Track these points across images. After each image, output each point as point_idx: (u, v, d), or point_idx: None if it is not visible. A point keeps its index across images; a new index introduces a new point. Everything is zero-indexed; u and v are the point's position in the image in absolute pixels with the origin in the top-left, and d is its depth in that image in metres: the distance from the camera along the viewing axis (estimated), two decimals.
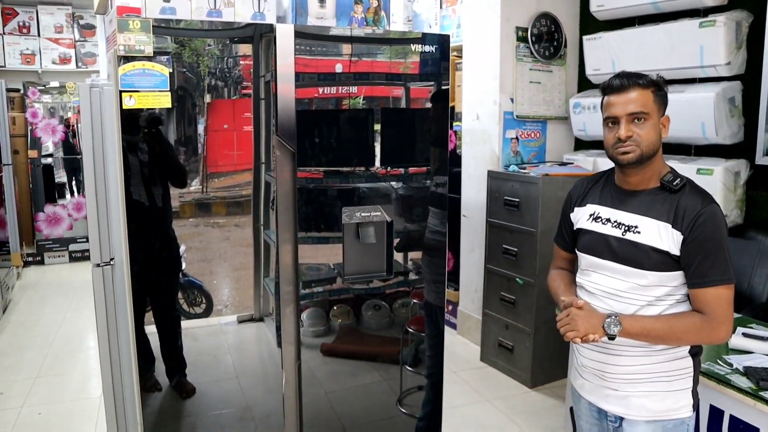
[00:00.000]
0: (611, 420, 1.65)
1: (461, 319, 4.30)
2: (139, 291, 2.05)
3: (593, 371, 1.66)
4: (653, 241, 1.51)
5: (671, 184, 1.53)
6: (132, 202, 1.92)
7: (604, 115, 1.58)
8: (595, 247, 1.62)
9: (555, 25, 3.80)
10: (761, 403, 1.68)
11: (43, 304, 5.04)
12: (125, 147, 1.87)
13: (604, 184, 1.69)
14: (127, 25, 1.59)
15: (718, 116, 2.91)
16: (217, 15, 1.91)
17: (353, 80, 2.02)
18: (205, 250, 2.19)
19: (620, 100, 1.52)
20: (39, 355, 3.95)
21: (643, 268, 1.53)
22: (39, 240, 6.18)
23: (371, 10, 2.05)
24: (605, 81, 1.59)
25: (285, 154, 2.01)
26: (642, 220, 1.54)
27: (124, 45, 1.60)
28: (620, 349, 1.58)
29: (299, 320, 2.21)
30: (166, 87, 1.72)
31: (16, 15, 6.49)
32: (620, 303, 1.57)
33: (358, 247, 2.09)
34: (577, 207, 1.73)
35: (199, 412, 2.29)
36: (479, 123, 3.91)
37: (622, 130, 1.52)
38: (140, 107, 1.71)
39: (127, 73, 1.62)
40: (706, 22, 2.92)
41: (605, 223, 1.61)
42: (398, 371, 2.55)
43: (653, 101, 1.52)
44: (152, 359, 2.15)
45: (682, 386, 1.58)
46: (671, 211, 1.51)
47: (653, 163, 1.55)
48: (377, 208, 2.07)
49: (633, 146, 1.51)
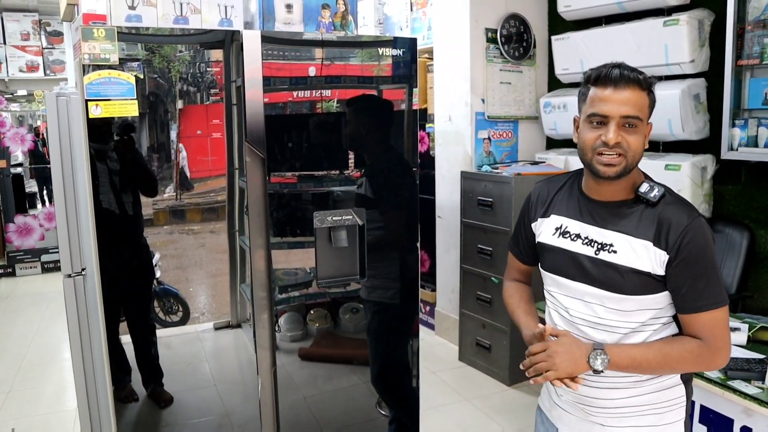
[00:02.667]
0: None
1: (438, 320, 4.33)
2: (112, 300, 2.03)
3: (574, 403, 1.46)
4: (632, 261, 1.31)
5: (648, 196, 1.33)
6: (101, 211, 1.89)
7: (590, 110, 1.31)
8: (564, 267, 1.41)
9: (524, 25, 3.85)
10: (729, 392, 1.72)
11: (16, 316, 4.95)
12: (93, 155, 1.84)
13: (570, 191, 1.46)
14: (91, 34, 1.58)
15: (684, 113, 2.97)
16: (183, 22, 1.90)
17: (324, 84, 2.02)
18: (181, 257, 2.17)
19: (615, 97, 1.28)
20: (12, 368, 3.88)
21: (623, 292, 1.32)
22: (10, 251, 6.07)
23: (339, 14, 2.05)
24: (595, 69, 1.33)
25: (255, 160, 2.01)
26: (617, 238, 1.34)
27: (89, 54, 1.58)
28: (605, 381, 1.38)
29: (273, 325, 2.20)
30: (133, 95, 1.70)
31: None
32: (599, 332, 1.37)
33: (331, 251, 2.09)
34: (541, 218, 1.50)
35: (176, 421, 2.27)
36: (451, 124, 3.94)
37: (611, 134, 1.28)
38: (107, 116, 1.69)
39: (92, 81, 1.61)
40: (670, 21, 2.99)
41: (575, 239, 1.40)
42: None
43: (647, 106, 1.31)
44: (128, 369, 2.12)
45: (675, 418, 1.41)
46: (651, 227, 1.31)
47: (631, 174, 1.34)
48: (348, 211, 2.07)
49: (620, 157, 1.29)
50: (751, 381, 1.75)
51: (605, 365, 1.29)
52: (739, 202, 3.01)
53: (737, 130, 2.88)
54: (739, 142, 2.89)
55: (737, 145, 2.89)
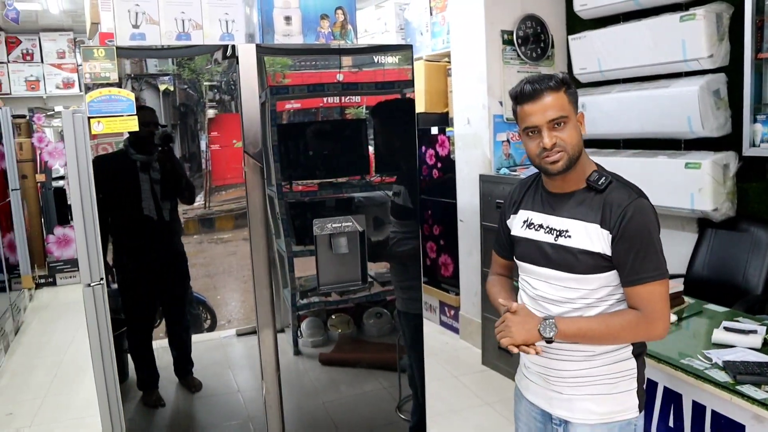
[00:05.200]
0: (556, 423, 1.62)
1: (463, 324, 4.31)
2: (149, 304, 2.15)
3: (538, 374, 1.64)
4: (584, 243, 1.48)
5: (596, 183, 1.49)
6: (142, 218, 2.04)
7: (522, 125, 1.51)
8: (530, 254, 1.59)
9: (541, 26, 3.81)
10: (737, 397, 1.67)
11: (55, 324, 5.13)
12: (138, 166, 1.98)
13: (535, 188, 1.64)
14: (91, 54, 1.64)
15: (703, 109, 2.90)
16: (186, 38, 1.96)
17: (323, 92, 2.06)
18: (209, 265, 2.23)
19: (536, 107, 1.46)
20: (48, 375, 4.02)
21: (577, 272, 1.49)
22: (50, 262, 6.29)
23: (338, 24, 2.08)
24: (514, 88, 1.53)
25: (254, 170, 2.05)
26: (571, 224, 1.51)
27: (90, 73, 1.65)
28: (562, 353, 1.55)
29: (276, 332, 2.23)
30: (133, 111, 1.77)
31: (20, 43, 6.66)
32: (559, 307, 1.54)
33: (332, 258, 2.12)
34: (513, 214, 1.68)
35: (198, 425, 2.33)
36: (470, 127, 3.93)
37: (546, 138, 1.46)
38: (108, 132, 1.76)
39: (93, 99, 1.67)
40: (686, 16, 2.92)
41: (538, 229, 1.58)
42: (397, 378, 2.55)
43: (568, 102, 1.47)
44: (157, 376, 2.21)
45: (627, 387, 1.55)
46: (598, 211, 1.47)
47: (579, 164, 1.50)
48: (348, 218, 2.10)
49: (561, 153, 1.46)
50: (761, 386, 1.69)
51: (554, 333, 1.45)
52: (764, 200, 2.92)
53: (759, 126, 2.80)
54: (761, 138, 2.81)
55: (760, 141, 2.81)
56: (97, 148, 1.89)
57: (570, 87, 1.50)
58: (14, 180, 5.52)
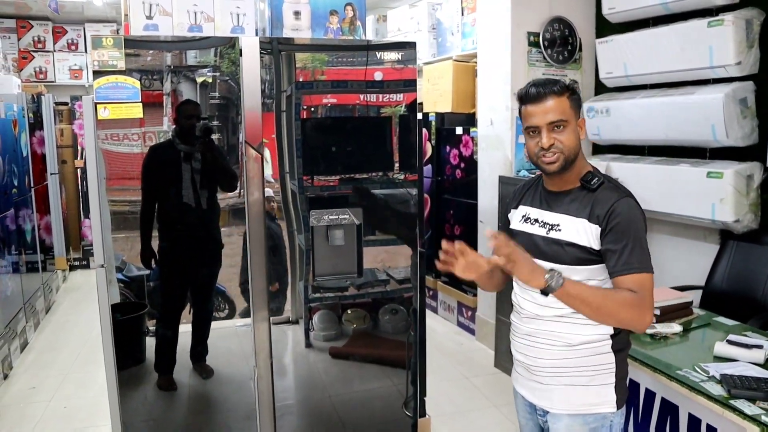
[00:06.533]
0: (540, 414, 1.71)
1: (479, 325, 4.29)
2: (181, 288, 2.25)
3: (522, 364, 1.72)
4: (572, 237, 1.58)
5: (589, 183, 1.59)
6: (181, 204, 2.14)
7: (525, 124, 1.62)
8: (525, 246, 1.65)
9: (569, 29, 3.77)
10: (729, 411, 1.63)
11: (84, 305, 5.29)
12: (182, 156, 2.08)
13: (535, 186, 1.75)
14: (100, 43, 1.71)
15: (728, 118, 2.83)
16: (197, 30, 2.01)
17: (330, 88, 2.09)
18: (235, 255, 2.29)
19: (538, 109, 1.56)
20: (72, 354, 4.17)
21: (565, 263, 1.58)
22: (85, 245, 6.49)
23: (347, 20, 2.10)
24: (521, 90, 1.63)
25: (254, 161, 2.10)
26: (563, 219, 1.61)
27: (98, 60, 1.71)
28: (543, 343, 1.63)
29: (270, 321, 2.26)
30: (138, 99, 1.83)
31: (66, 33, 6.89)
32: (546, 297, 1.58)
33: (329, 249, 2.15)
34: (513, 209, 1.79)
35: (205, 409, 2.38)
36: (493, 128, 3.91)
37: (544, 139, 1.56)
38: (114, 117, 1.82)
39: (101, 86, 1.74)
40: (714, 22, 2.85)
41: (533, 223, 1.68)
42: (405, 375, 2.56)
43: (570, 107, 1.57)
44: (174, 361, 2.29)
45: (604, 381, 1.60)
46: (588, 208, 1.57)
47: (575, 165, 1.61)
48: (345, 211, 2.13)
49: (557, 154, 1.57)
50: (756, 401, 1.65)
51: (559, 285, 1.50)
52: None
53: None
54: None
55: None
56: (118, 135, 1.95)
57: (574, 93, 1.60)
58: (53, 164, 5.73)
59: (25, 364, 4.02)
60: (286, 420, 2.37)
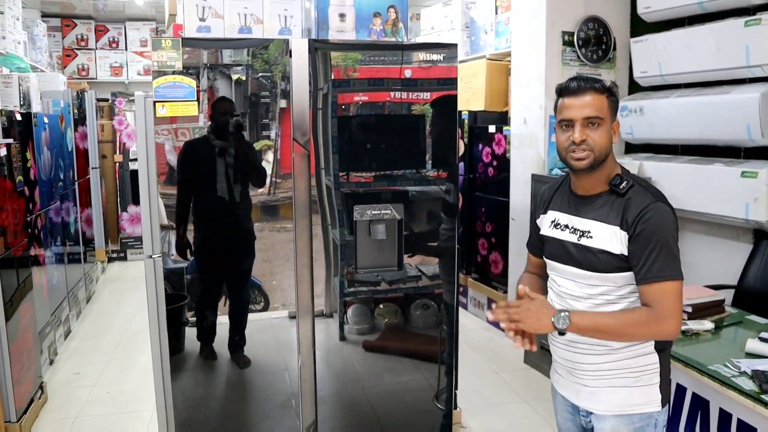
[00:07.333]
0: (583, 415, 1.70)
1: None
2: (218, 278, 2.34)
3: (565, 367, 1.70)
4: (604, 244, 1.54)
5: (618, 187, 1.55)
6: (216, 197, 2.23)
7: (559, 117, 1.59)
8: (557, 252, 1.66)
9: (603, 28, 3.78)
10: (760, 406, 1.66)
11: (123, 295, 5.48)
12: (217, 151, 2.17)
13: (563, 190, 1.71)
14: (159, 44, 1.81)
15: (764, 117, 2.83)
16: (247, 32, 2.10)
17: (367, 87, 2.16)
18: (269, 250, 2.38)
19: (576, 103, 1.54)
20: (114, 342, 4.33)
21: (598, 271, 1.55)
22: (123, 238, 6.69)
23: (389, 22, 2.17)
24: (561, 83, 1.60)
25: (302, 158, 2.18)
26: (594, 225, 1.57)
27: (158, 61, 1.81)
28: (585, 348, 1.61)
29: (314, 314, 2.32)
30: (194, 98, 1.93)
31: (107, 31, 7.10)
32: (581, 303, 1.60)
33: (371, 243, 2.22)
34: (542, 214, 1.75)
35: (244, 398, 2.47)
36: (526, 127, 3.95)
37: (576, 133, 1.53)
38: (171, 115, 1.92)
39: (160, 85, 1.84)
40: (752, 21, 2.85)
41: (563, 229, 1.65)
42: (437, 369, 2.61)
43: (607, 106, 1.54)
44: (214, 333, 2.39)
45: (649, 381, 1.59)
46: (619, 214, 1.53)
47: (604, 167, 1.57)
48: (387, 206, 2.20)
49: (587, 151, 1.53)
50: None
51: (566, 325, 1.48)
52: None
53: None
54: None
55: None
56: (176, 132, 2.06)
57: (613, 95, 1.57)
58: (95, 159, 5.92)
59: (69, 350, 4.18)
60: (321, 410, 2.45)
